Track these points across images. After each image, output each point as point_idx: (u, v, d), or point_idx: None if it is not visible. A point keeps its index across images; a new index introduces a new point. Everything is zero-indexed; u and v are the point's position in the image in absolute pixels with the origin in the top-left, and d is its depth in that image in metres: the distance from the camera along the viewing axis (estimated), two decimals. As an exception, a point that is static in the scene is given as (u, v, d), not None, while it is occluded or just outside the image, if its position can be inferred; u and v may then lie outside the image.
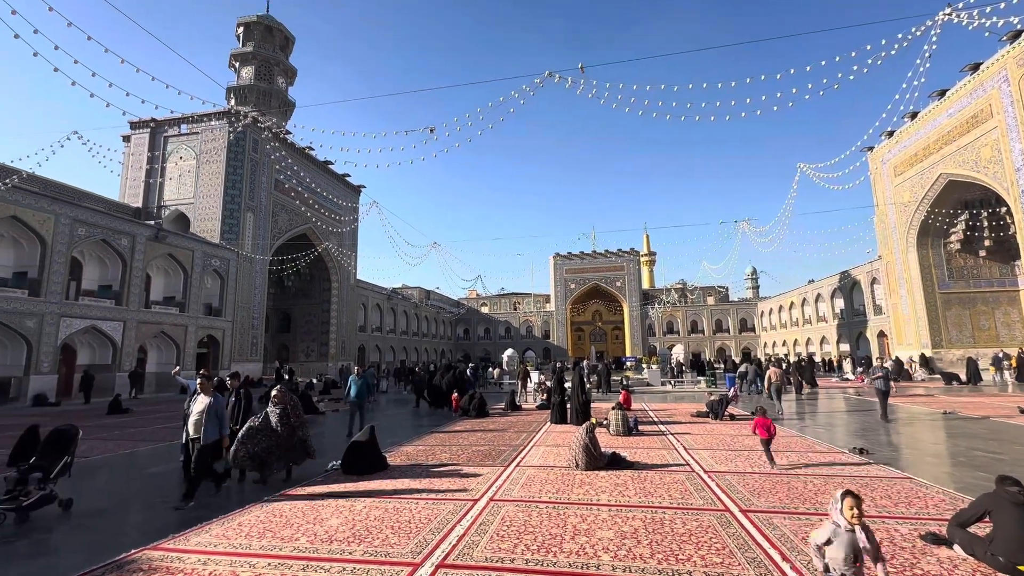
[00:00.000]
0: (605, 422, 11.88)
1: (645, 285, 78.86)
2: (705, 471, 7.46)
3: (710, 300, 68.62)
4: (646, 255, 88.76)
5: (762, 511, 5.48)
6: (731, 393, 15.51)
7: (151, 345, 28.35)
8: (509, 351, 40.05)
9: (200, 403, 6.65)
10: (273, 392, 7.80)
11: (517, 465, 8.17)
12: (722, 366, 38.16)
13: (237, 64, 43.91)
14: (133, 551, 4.62)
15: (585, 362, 37.34)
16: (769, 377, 15.68)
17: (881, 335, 38.14)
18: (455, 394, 16.74)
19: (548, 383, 19.95)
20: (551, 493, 6.42)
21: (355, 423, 11.44)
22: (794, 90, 13.53)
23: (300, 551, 4.55)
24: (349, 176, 46.35)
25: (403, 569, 4.11)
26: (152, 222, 30.59)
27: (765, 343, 61.69)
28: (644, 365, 34.91)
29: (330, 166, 41.88)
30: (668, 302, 63.88)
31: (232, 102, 42.46)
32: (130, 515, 6.01)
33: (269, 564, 4.26)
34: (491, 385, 29.78)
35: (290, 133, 37.17)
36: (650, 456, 8.70)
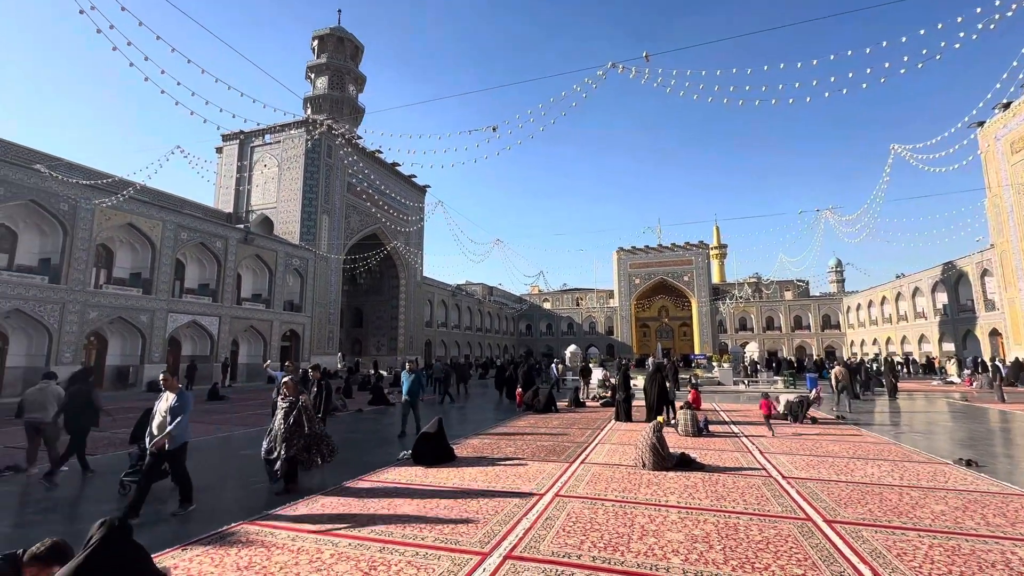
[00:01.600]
0: (673, 422, 11.53)
1: (715, 279, 75.23)
2: (783, 476, 7.04)
3: (788, 295, 64.22)
4: (716, 248, 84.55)
5: (849, 522, 5.09)
6: (812, 394, 14.48)
7: (242, 339, 31.03)
8: (572, 347, 39.76)
9: (165, 401, 5.77)
10: (284, 380, 6.96)
11: (582, 462, 8.13)
12: (795, 367, 35.68)
13: (312, 75, 46.74)
14: (233, 524, 5.12)
15: (650, 359, 36.32)
16: (835, 376, 14.94)
17: (994, 333, 33.86)
18: (519, 389, 17.02)
19: (612, 380, 19.66)
20: (617, 492, 6.34)
21: (417, 418, 11.11)
22: (886, 64, 12.27)
23: (376, 534, 4.83)
24: (415, 177, 48.03)
25: (472, 557, 4.24)
26: (241, 226, 33.43)
27: (852, 341, 56.79)
28: (715, 363, 33.35)
29: (397, 167, 43.56)
30: (741, 297, 60.49)
31: (308, 111, 45.29)
32: (228, 492, 6.64)
33: (350, 544, 4.56)
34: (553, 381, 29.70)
35: (360, 138, 39.12)
36: (722, 459, 8.33)
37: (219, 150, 40.84)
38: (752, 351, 36.97)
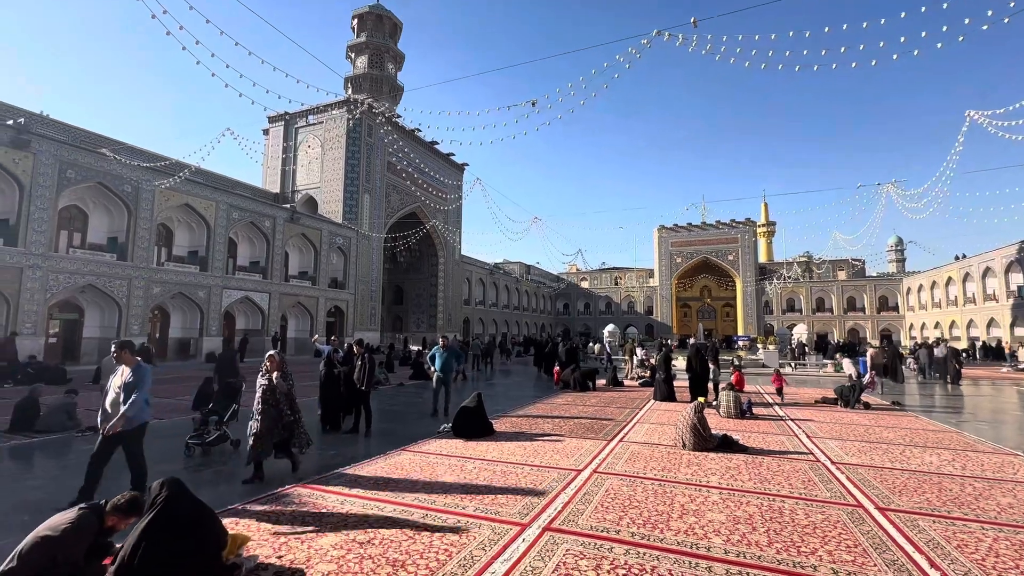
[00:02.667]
0: (715, 403, 11.30)
1: (762, 259, 72.25)
2: (833, 462, 6.79)
3: (841, 275, 60.99)
4: (764, 225, 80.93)
5: (904, 511, 4.86)
6: (867, 379, 13.81)
7: (291, 314, 32.46)
8: (610, 327, 39.41)
9: (120, 376, 5.02)
10: (268, 354, 6.33)
11: (620, 440, 8.12)
12: (845, 350, 34.02)
13: (353, 55, 47.11)
14: (288, 486, 5.44)
15: (691, 340, 35.57)
16: (871, 358, 14.82)
17: (1076, 318, 31.11)
18: (556, 367, 17.08)
19: (652, 360, 19.41)
20: (656, 471, 6.30)
21: (448, 395, 10.79)
22: (967, 20, 11.12)
23: (420, 501, 5.01)
24: (454, 155, 48.09)
25: (512, 528, 4.34)
26: (288, 205, 34.59)
27: (911, 325, 53.52)
28: (759, 345, 32.30)
29: (436, 146, 43.72)
30: (789, 277, 57.90)
31: (349, 91, 45.82)
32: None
33: (395, 509, 4.75)
34: (592, 360, 29.67)
35: (400, 116, 39.36)
36: (766, 441, 8.11)
37: (265, 132, 42.11)
38: (800, 333, 35.53)
